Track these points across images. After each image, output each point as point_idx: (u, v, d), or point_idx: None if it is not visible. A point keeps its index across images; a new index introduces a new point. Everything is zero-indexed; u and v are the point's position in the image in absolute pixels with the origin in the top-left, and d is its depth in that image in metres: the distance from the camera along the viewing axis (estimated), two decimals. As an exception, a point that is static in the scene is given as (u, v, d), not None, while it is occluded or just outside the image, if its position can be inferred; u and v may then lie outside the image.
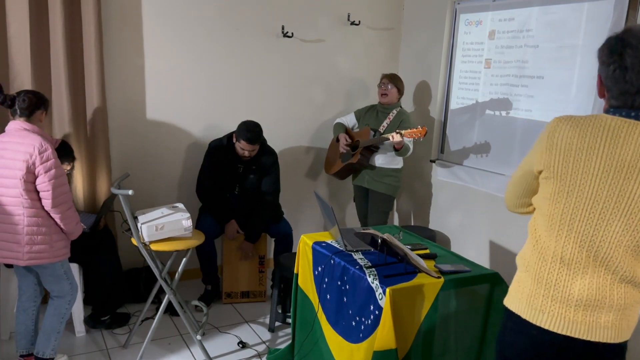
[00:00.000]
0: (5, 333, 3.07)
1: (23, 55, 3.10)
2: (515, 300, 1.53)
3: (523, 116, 3.42)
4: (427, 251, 2.53)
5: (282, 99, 4.11)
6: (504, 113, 3.57)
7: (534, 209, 1.58)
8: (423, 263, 2.21)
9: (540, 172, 1.48)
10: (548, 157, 1.44)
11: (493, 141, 3.66)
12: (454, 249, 3.98)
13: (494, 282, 2.29)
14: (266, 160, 3.61)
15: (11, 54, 3.09)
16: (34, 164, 2.38)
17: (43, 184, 2.39)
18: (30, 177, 2.39)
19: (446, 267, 2.29)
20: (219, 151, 3.56)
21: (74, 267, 3.01)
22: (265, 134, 3.67)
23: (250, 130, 3.40)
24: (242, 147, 3.43)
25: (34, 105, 2.50)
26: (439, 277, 2.18)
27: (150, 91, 3.65)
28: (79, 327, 3.17)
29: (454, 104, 4.00)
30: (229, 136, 3.56)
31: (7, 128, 2.49)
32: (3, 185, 2.41)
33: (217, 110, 3.87)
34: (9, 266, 2.91)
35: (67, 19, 3.16)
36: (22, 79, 3.10)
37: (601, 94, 1.48)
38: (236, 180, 3.61)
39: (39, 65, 3.15)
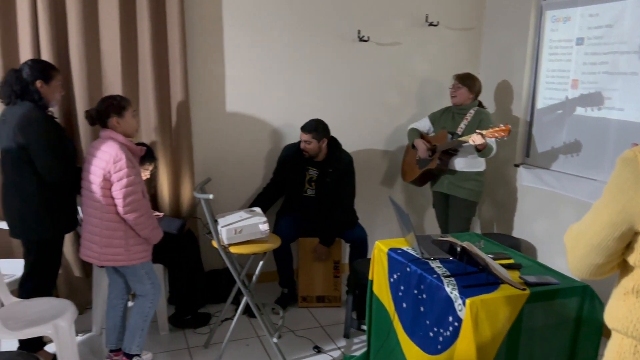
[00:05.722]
0: (97, 328, 3.26)
1: (114, 69, 3.31)
2: None
3: (616, 116, 3.17)
4: (511, 261, 2.40)
5: (357, 103, 4.09)
6: (595, 113, 3.33)
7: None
8: (506, 274, 2.10)
9: None
10: None
11: (583, 143, 3.42)
12: (541, 259, 3.75)
13: (585, 296, 2.12)
14: (342, 164, 3.61)
15: (104, 67, 3.31)
16: (109, 172, 2.51)
17: (115, 191, 2.52)
18: (106, 184, 2.52)
19: (532, 279, 2.16)
20: (289, 154, 3.66)
21: (159, 268, 3.14)
22: (341, 138, 3.67)
23: (308, 122, 3.55)
24: (300, 138, 3.55)
25: (100, 117, 2.61)
26: (524, 290, 2.06)
27: (231, 99, 3.76)
28: (163, 325, 3.30)
29: (540, 104, 3.79)
30: None
31: (100, 134, 2.65)
32: (89, 190, 2.57)
33: (295, 116, 3.90)
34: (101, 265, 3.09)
35: (153, 34, 3.33)
36: (113, 90, 3.30)
37: None
38: (307, 183, 3.66)
39: (127, 77, 3.34)
